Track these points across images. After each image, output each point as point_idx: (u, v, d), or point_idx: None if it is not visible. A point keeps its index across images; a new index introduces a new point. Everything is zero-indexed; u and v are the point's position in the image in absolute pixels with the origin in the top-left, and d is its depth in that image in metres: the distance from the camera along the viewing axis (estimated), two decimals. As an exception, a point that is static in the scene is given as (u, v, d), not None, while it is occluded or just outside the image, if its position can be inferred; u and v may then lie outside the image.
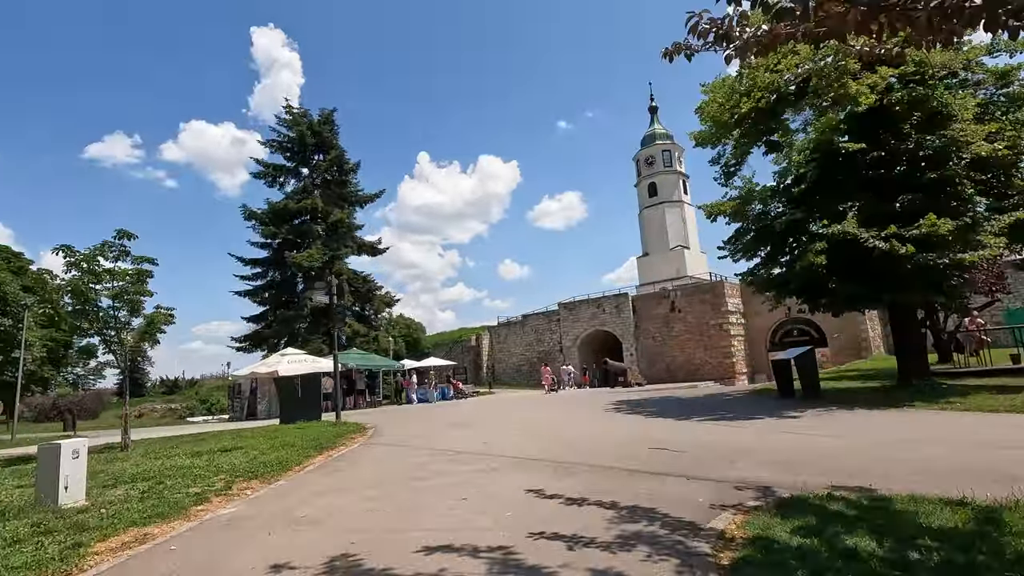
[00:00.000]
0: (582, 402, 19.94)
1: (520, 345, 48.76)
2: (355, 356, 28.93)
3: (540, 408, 18.51)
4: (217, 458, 10.02)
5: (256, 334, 35.32)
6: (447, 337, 55.93)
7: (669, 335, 40.54)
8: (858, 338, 36.43)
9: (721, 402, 15.49)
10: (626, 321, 41.91)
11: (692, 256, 52.78)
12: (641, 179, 56.08)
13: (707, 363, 38.80)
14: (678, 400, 17.21)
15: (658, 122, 57.25)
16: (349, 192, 38.29)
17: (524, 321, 48.67)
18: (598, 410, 15.72)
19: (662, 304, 41.22)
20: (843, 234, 12.70)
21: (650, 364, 41.01)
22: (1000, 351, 21.29)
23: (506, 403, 22.93)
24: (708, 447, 8.09)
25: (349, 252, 37.04)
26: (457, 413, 18.68)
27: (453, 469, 7.63)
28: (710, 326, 38.88)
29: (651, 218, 54.51)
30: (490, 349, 50.90)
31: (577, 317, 44.50)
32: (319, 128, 37.13)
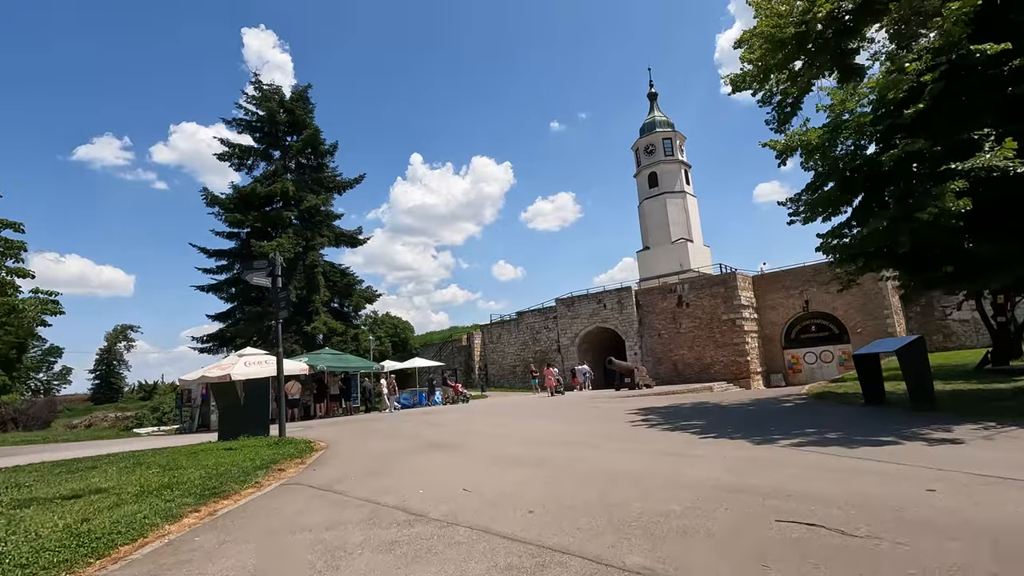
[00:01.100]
0: (595, 410, 15.91)
1: (515, 344, 44.67)
2: (327, 356, 24.74)
3: (546, 418, 14.41)
4: (26, 516, 5.91)
5: (220, 334, 31.02)
6: (437, 337, 51.74)
7: (676, 332, 36.59)
8: (885, 332, 32.57)
9: (784, 412, 11.52)
10: (629, 317, 37.93)
11: (695, 250, 48.93)
12: (640, 169, 52.19)
13: (719, 361, 34.90)
14: (720, 408, 13.25)
15: (658, 109, 53.40)
16: (326, 177, 34.08)
17: (519, 319, 44.58)
18: (622, 423, 11.69)
19: (668, 298, 37.28)
20: (993, 170, 8.72)
21: (656, 363, 37.04)
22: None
23: (503, 410, 18.80)
24: (872, 510, 4.13)
25: (325, 242, 32.83)
26: (441, 425, 14.60)
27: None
28: (721, 321, 34.97)
29: (651, 210, 50.60)
30: (482, 349, 46.76)
31: (576, 314, 40.47)
32: (292, 106, 32.94)
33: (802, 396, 14.04)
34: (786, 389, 19.28)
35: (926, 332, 38.27)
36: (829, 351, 34.80)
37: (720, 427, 9.84)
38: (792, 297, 35.64)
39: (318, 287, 31.11)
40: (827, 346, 34.88)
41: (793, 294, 35.60)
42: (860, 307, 33.45)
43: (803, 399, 13.33)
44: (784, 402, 13.25)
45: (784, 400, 13.86)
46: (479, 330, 47.51)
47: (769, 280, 36.59)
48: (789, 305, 35.75)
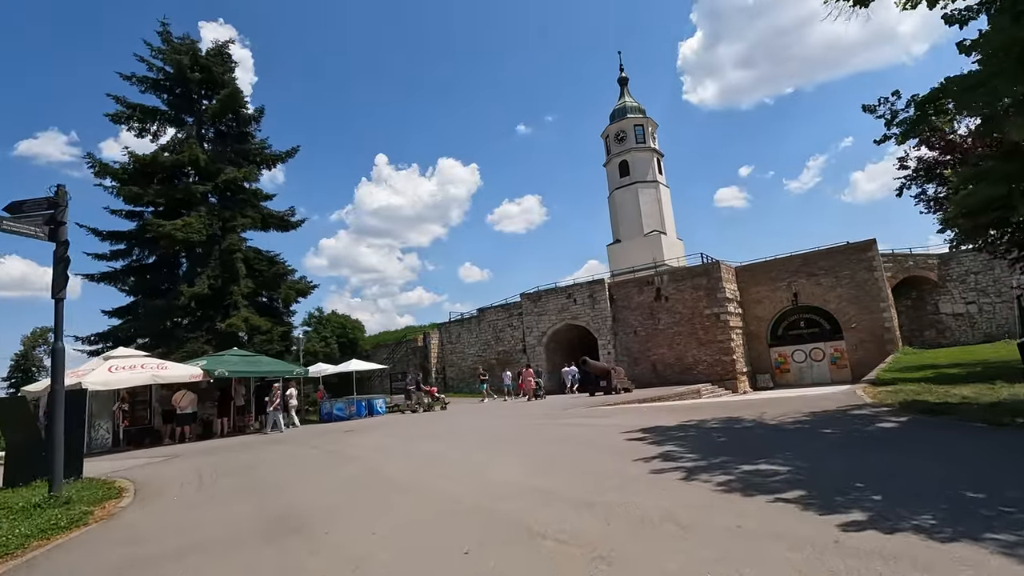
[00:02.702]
0: (577, 429, 11.03)
1: (475, 345, 39.54)
2: (231, 359, 19.14)
3: (511, 447, 9.38)
4: None
5: (113, 332, 24.93)
6: (390, 337, 46.14)
7: (655, 328, 32.08)
8: (881, 328, 28.74)
9: (907, 443, 6.77)
10: (602, 313, 33.29)
11: (669, 243, 44.78)
12: (610, 157, 47.86)
13: (702, 361, 30.50)
14: (769, 429, 8.44)
15: (628, 94, 49.21)
16: (252, 148, 28.34)
17: (480, 316, 39.49)
18: (628, 462, 6.75)
19: (645, 292, 32.78)
20: None
21: (632, 363, 32.43)
22: None
23: (449, 430, 13.71)
24: None
25: (249, 224, 27.09)
26: (346, 460, 9.47)
27: None
28: (704, 316, 30.60)
29: (623, 200, 46.29)
30: (440, 350, 41.45)
31: (543, 310, 35.63)
32: (207, 62, 27.08)
33: (881, 408, 9.40)
34: (822, 393, 14.68)
35: (918, 327, 34.96)
36: (820, 349, 30.85)
37: (830, 482, 5.03)
38: (779, 290, 31.58)
39: (237, 276, 25.38)
40: (818, 343, 30.92)
41: (780, 286, 31.54)
42: (853, 299, 29.57)
43: (887, 412, 8.72)
44: (857, 416, 8.64)
45: (851, 411, 9.25)
46: (436, 329, 42.20)
47: (754, 271, 32.47)
48: (776, 298, 31.68)
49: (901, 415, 8.28)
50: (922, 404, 8.93)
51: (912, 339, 33.13)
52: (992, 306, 31.75)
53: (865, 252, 29.55)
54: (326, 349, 40.83)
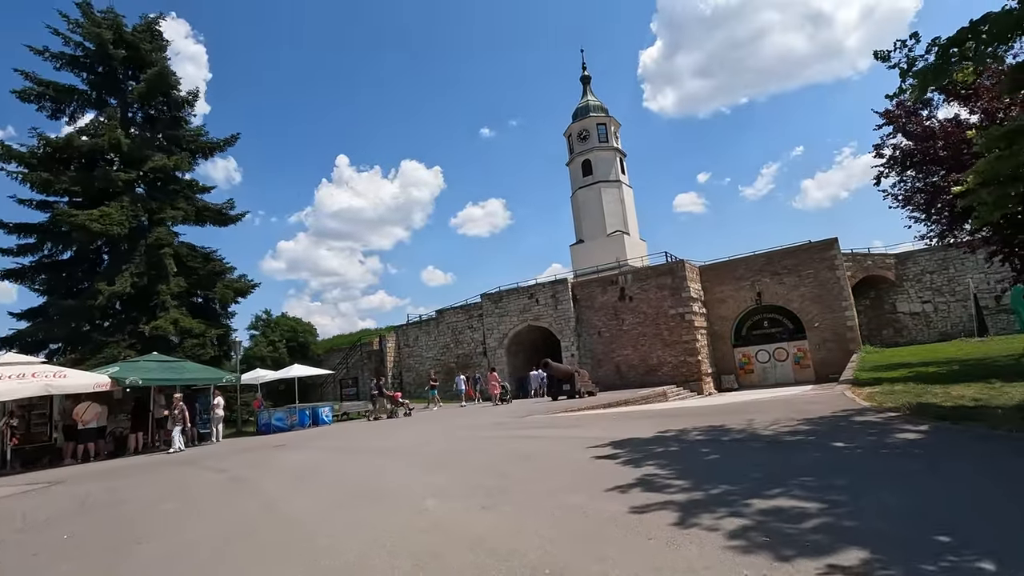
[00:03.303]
0: (537, 443, 9.36)
1: (434, 348, 37.53)
2: (148, 366, 16.69)
3: (469, 471, 7.61)
4: None
5: (18, 336, 21.90)
6: (344, 341, 43.57)
7: (619, 329, 30.83)
8: (843, 327, 28.23)
9: (917, 457, 5.35)
10: (565, 314, 31.86)
11: (632, 243, 43.83)
12: (573, 156, 46.69)
13: (666, 362, 29.39)
14: (764, 443, 6.88)
15: (591, 93, 48.19)
16: (185, 135, 25.67)
17: (439, 318, 37.51)
18: (607, 503, 5.11)
19: (609, 291, 31.53)
20: None
21: (596, 365, 31.09)
22: None
23: (406, 441, 11.85)
24: None
25: (181, 216, 24.42)
26: (270, 485, 7.56)
27: None
28: (669, 316, 29.52)
29: (586, 200, 45.14)
30: (397, 354, 39.23)
31: (504, 311, 33.97)
32: (134, 38, 24.35)
33: (885, 413, 7.99)
34: (800, 395, 13.45)
35: (876, 326, 34.85)
36: (783, 348, 30.19)
37: (898, 530, 3.49)
38: (743, 289, 30.82)
39: (166, 273, 22.71)
40: (781, 343, 30.26)
41: (744, 286, 30.78)
42: (816, 298, 29.01)
43: (897, 419, 7.31)
44: (866, 424, 7.22)
45: (853, 418, 7.85)
46: (393, 332, 39.98)
47: (719, 270, 31.64)
48: (740, 298, 30.91)
49: (916, 423, 6.91)
50: (933, 409, 7.62)
51: (871, 338, 32.90)
52: (947, 305, 31.80)
53: (827, 251, 29.06)
54: (274, 354, 38.13)
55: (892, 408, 8.25)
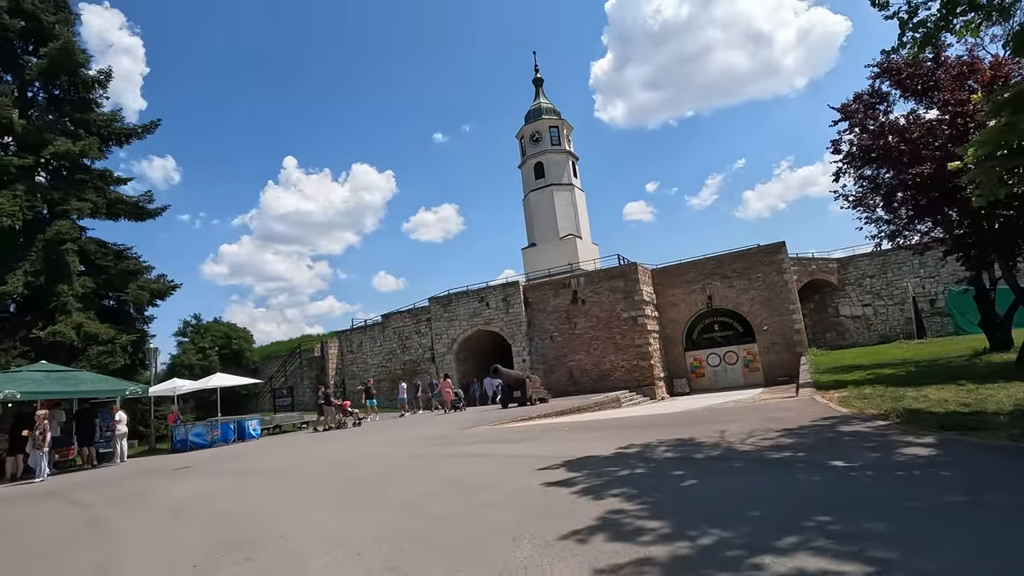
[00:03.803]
0: (477, 463, 7.90)
1: (379, 354, 35.43)
2: (32, 377, 14.17)
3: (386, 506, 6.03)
4: None
5: None
6: (283, 347, 40.73)
7: (572, 333, 29.78)
8: (791, 330, 28.15)
9: (949, 484, 4.27)
10: (517, 317, 30.56)
11: (584, 247, 43.11)
12: (525, 159, 45.68)
13: (619, 367, 28.53)
14: (738, 458, 5.77)
15: (544, 95, 47.37)
16: (96, 119, 22.87)
17: (385, 323, 35.47)
18: (554, 542, 3.76)
19: (562, 294, 30.46)
20: None
21: (548, 371, 29.91)
22: None
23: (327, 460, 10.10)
24: None
25: (89, 209, 21.61)
26: (133, 529, 5.77)
27: None
28: (622, 320, 28.71)
29: (538, 203, 44.15)
30: (339, 361, 36.87)
31: (454, 315, 32.35)
32: (34, 8, 21.49)
33: (873, 422, 6.95)
34: (764, 400, 12.56)
35: (820, 329, 35.25)
36: (734, 352, 29.92)
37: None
38: (694, 292, 30.41)
39: (69, 272, 19.92)
40: (731, 346, 29.98)
41: (695, 289, 30.38)
42: (765, 302, 28.88)
43: (891, 429, 6.23)
44: (858, 436, 6.13)
45: (839, 427, 6.78)
46: (336, 338, 37.59)
47: (670, 274, 31.14)
48: (691, 301, 30.48)
49: (917, 434, 5.89)
50: (925, 416, 6.67)
51: (815, 341, 33.18)
52: (886, 308, 32.44)
53: (776, 255, 29.00)
54: (204, 362, 34.98)
55: (878, 415, 7.28)
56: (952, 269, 30.68)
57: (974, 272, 15.30)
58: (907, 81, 13.02)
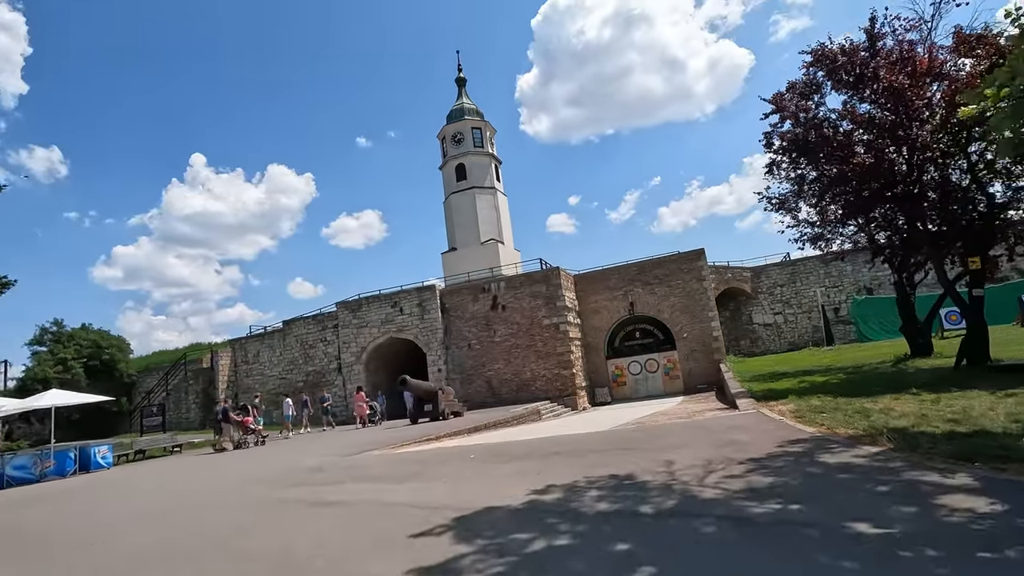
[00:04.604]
0: (327, 542, 5.46)
1: (279, 364, 31.51)
2: None
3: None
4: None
5: None
6: (166, 357, 35.54)
7: (491, 341, 27.64)
8: (709, 337, 27.63)
9: None
10: (433, 324, 28.02)
11: (506, 253, 41.31)
12: (447, 160, 43.34)
13: (540, 376, 26.70)
14: (712, 518, 3.89)
15: (466, 96, 45.36)
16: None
17: (286, 330, 31.64)
18: None
19: (481, 300, 28.30)
20: None
21: (466, 381, 27.56)
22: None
23: (123, 513, 7.16)
24: None
25: None
26: None
27: None
28: (543, 327, 26.96)
29: (459, 205, 41.89)
30: (232, 372, 32.48)
31: (364, 321, 29.26)
32: None
33: (856, 448, 5.22)
34: (725, 417, 10.89)
35: (735, 337, 35.40)
36: (654, 360, 29.02)
37: None
38: (617, 299, 29.31)
39: None
40: (652, 354, 29.08)
41: (618, 295, 29.28)
42: (685, 309, 28.24)
43: (886, 457, 4.56)
44: (854, 469, 4.41)
45: (818, 456, 5.03)
46: (229, 347, 33.15)
47: (593, 280, 29.88)
48: (613, 308, 29.35)
49: (938, 469, 4.23)
50: (921, 440, 5.08)
51: (730, 348, 33.20)
52: (795, 316, 33.02)
53: (695, 261, 28.49)
54: (65, 375, 29.55)
55: (857, 437, 5.64)
56: (855, 279, 31.79)
57: (897, 277, 14.77)
58: (841, 71, 12.07)
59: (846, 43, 11.89)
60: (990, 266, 11.21)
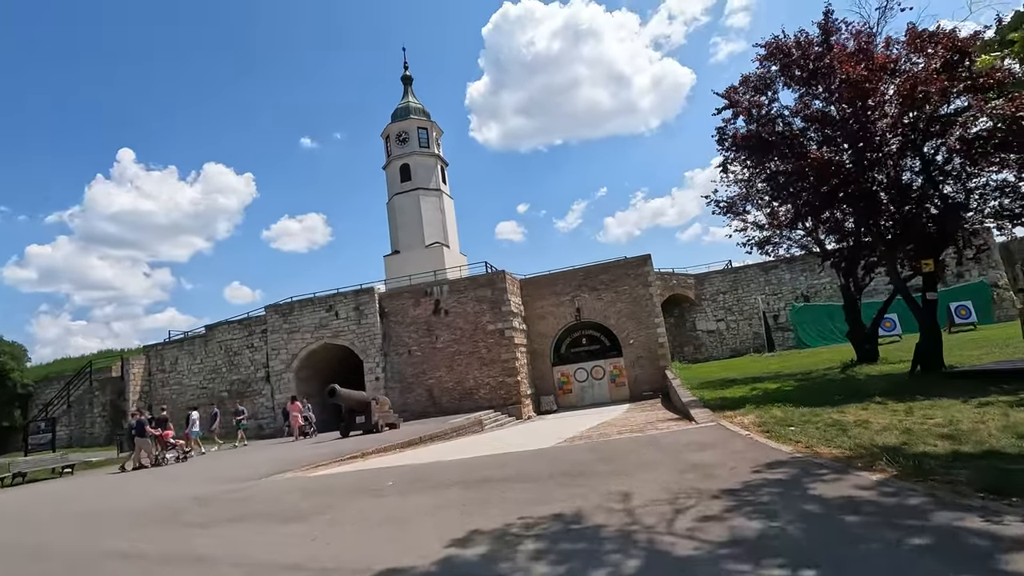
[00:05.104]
0: None
1: (200, 373, 28.63)
2: None
3: None
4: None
5: None
6: (69, 365, 31.72)
7: (432, 347, 26.07)
8: (655, 344, 27.16)
9: None
10: (371, 329, 26.14)
11: (452, 257, 39.77)
12: (391, 160, 41.43)
13: (484, 384, 25.38)
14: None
15: (413, 94, 43.69)
16: None
17: (209, 335, 28.82)
18: None
19: (423, 303, 26.69)
20: None
21: (405, 390, 25.82)
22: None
23: None
24: None
25: None
26: None
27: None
28: (488, 332, 25.67)
29: (403, 207, 40.05)
30: (145, 382, 29.27)
31: (296, 326, 27.00)
32: None
33: (851, 473, 4.17)
34: (682, 432, 9.87)
35: (679, 344, 35.28)
36: (600, 366, 28.29)
37: None
38: (563, 304, 28.43)
39: None
40: (598, 361, 28.34)
41: (564, 301, 28.42)
42: (631, 315, 27.69)
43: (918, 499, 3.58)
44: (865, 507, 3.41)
45: (809, 487, 3.99)
46: (143, 354, 29.91)
47: (539, 285, 28.89)
48: (560, 314, 28.45)
49: (978, 509, 3.23)
50: (927, 464, 4.12)
51: (675, 354, 33.01)
52: (737, 323, 33.22)
53: (642, 267, 28.03)
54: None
55: (846, 459, 4.65)
56: (793, 287, 32.32)
57: (844, 282, 14.44)
58: (794, 67, 11.50)
59: (801, 35, 11.32)
60: (939, 269, 10.82)
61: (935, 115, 9.81)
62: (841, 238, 12.92)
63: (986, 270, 27.60)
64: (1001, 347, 12.44)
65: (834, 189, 10.31)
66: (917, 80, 9.32)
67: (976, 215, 10.31)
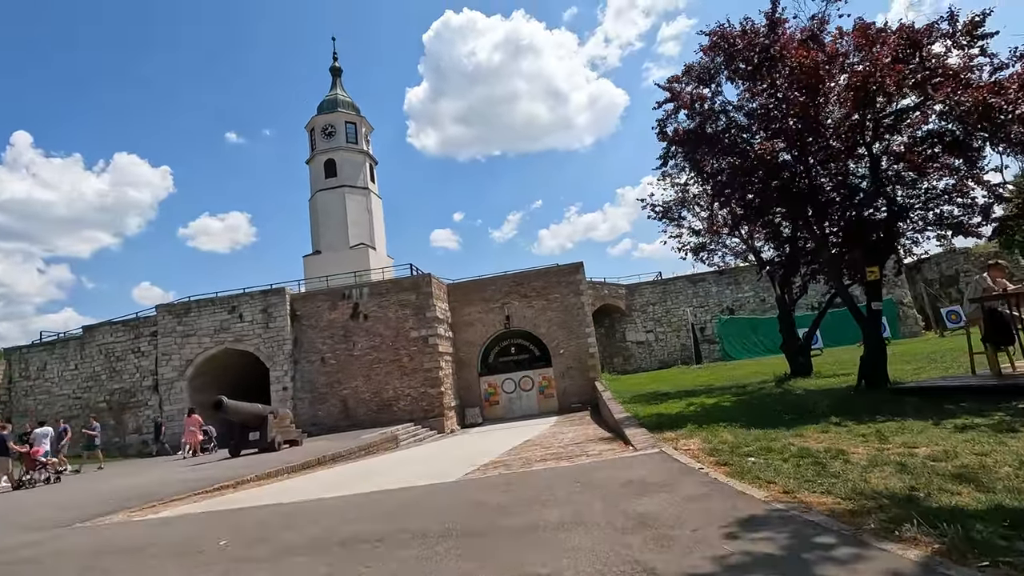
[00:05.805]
0: None
1: (74, 380, 24.57)
2: None
3: None
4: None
5: None
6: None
7: (349, 355, 23.67)
8: (586, 354, 26.17)
9: None
10: (280, 334, 23.39)
11: (378, 259, 37.33)
12: (315, 154, 38.46)
13: (404, 395, 23.29)
14: None
15: (341, 87, 41.00)
16: None
17: (86, 338, 24.83)
18: None
19: (340, 307, 24.26)
20: None
21: (316, 401, 23.22)
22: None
23: None
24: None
25: None
26: None
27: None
28: (410, 340, 23.66)
29: (326, 204, 37.18)
30: (6, 390, 24.75)
31: (192, 328, 23.74)
32: None
33: (855, 546, 2.92)
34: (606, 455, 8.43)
35: (609, 354, 34.58)
36: (529, 377, 26.98)
37: None
38: (492, 311, 26.92)
39: None
40: (527, 371, 27.03)
41: (494, 308, 26.92)
42: (562, 324, 26.61)
43: None
44: None
45: (777, 563, 2.72)
46: (3, 359, 25.37)
47: (468, 290, 27.24)
48: (489, 321, 26.90)
49: None
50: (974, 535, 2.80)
51: (604, 365, 32.27)
52: (666, 335, 32.98)
53: (574, 275, 27.06)
54: None
55: (850, 515, 3.27)
56: (719, 300, 32.50)
57: (779, 293, 13.78)
58: (738, 60, 10.58)
59: (747, 23, 10.41)
60: (882, 278, 10.10)
61: (885, 111, 9.05)
62: (779, 245, 12.17)
63: (892, 288, 28.77)
64: (930, 361, 12.08)
65: (783, 185, 9.34)
66: (873, 69, 8.47)
67: (919, 222, 9.70)
